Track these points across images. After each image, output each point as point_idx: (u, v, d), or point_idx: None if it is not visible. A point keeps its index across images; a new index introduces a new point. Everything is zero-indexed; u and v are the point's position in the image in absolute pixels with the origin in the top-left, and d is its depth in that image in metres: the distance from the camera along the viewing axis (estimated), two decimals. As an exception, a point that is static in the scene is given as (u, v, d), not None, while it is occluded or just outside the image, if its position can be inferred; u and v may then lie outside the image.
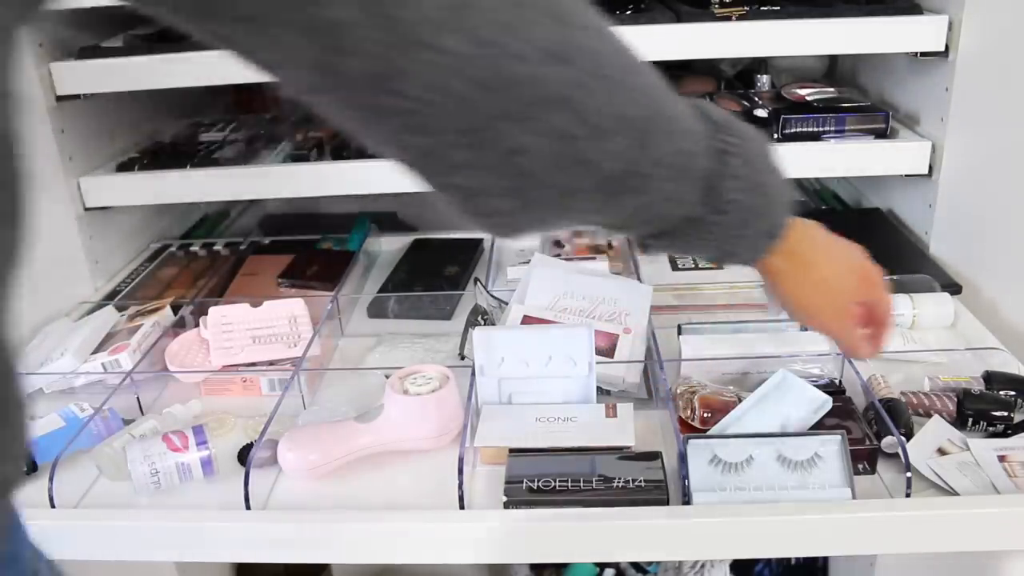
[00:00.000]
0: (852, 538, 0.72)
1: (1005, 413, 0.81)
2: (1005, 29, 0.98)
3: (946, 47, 1.04)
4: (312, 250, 1.30)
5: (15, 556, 0.47)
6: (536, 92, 0.44)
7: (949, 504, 0.72)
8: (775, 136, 1.13)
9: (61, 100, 1.13)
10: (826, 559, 1.44)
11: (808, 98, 1.19)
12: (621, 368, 0.91)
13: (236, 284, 1.22)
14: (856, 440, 0.77)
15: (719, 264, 0.64)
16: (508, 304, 1.00)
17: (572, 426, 0.81)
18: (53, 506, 0.78)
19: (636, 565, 1.42)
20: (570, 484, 0.74)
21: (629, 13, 1.08)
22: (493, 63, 0.43)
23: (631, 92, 0.48)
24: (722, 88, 1.40)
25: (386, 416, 0.81)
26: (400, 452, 0.82)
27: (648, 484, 0.74)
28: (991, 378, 0.86)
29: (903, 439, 0.75)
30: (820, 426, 0.79)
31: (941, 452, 0.78)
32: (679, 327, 0.96)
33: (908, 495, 0.73)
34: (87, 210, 1.19)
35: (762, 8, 1.06)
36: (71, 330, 1.03)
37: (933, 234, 1.14)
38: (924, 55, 1.07)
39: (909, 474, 0.73)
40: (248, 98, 1.60)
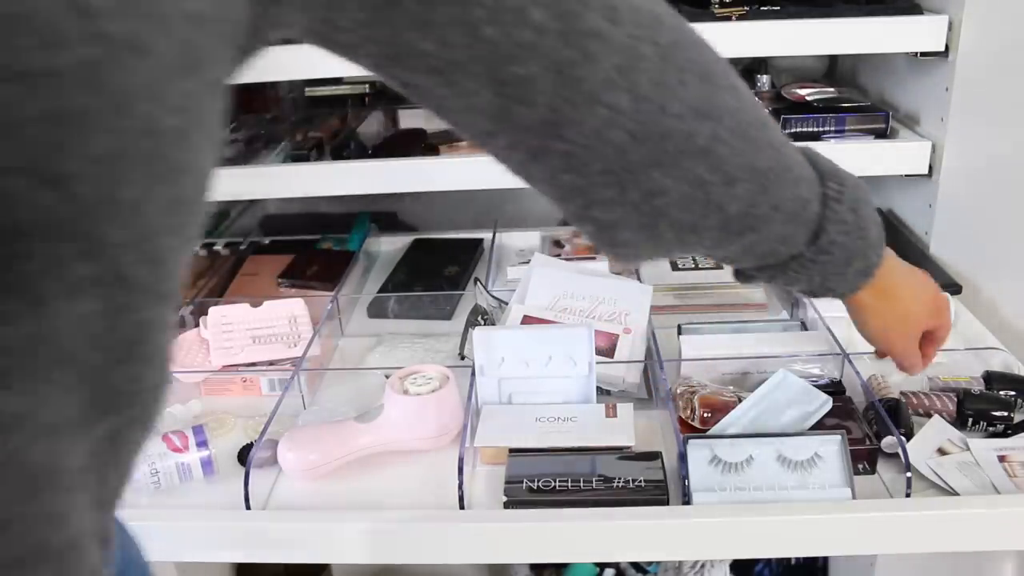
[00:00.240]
0: (852, 538, 0.72)
1: (1005, 413, 0.81)
2: (1005, 29, 0.98)
3: (946, 47, 1.04)
4: (312, 250, 1.30)
5: (130, 560, 0.52)
6: (682, 144, 0.50)
7: (949, 504, 0.72)
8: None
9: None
10: (826, 559, 1.44)
11: (808, 98, 1.19)
12: (621, 368, 0.91)
13: (236, 284, 1.22)
14: (856, 440, 0.77)
15: (813, 296, 0.70)
16: (508, 304, 1.00)
17: (572, 426, 0.81)
18: (53, 506, 0.78)
19: (636, 565, 1.42)
20: (570, 484, 0.74)
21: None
22: (650, 118, 0.48)
23: (759, 145, 0.54)
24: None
25: (386, 416, 0.81)
26: (400, 452, 0.82)
27: (648, 484, 0.74)
28: (991, 378, 0.86)
29: (903, 439, 0.75)
30: (820, 426, 0.79)
31: (941, 452, 0.78)
32: (679, 327, 0.96)
33: (908, 495, 0.73)
34: (87, 210, 1.19)
35: (762, 8, 1.06)
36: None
37: (933, 234, 1.14)
38: (924, 55, 1.07)
39: (909, 474, 0.73)
40: (248, 98, 1.59)
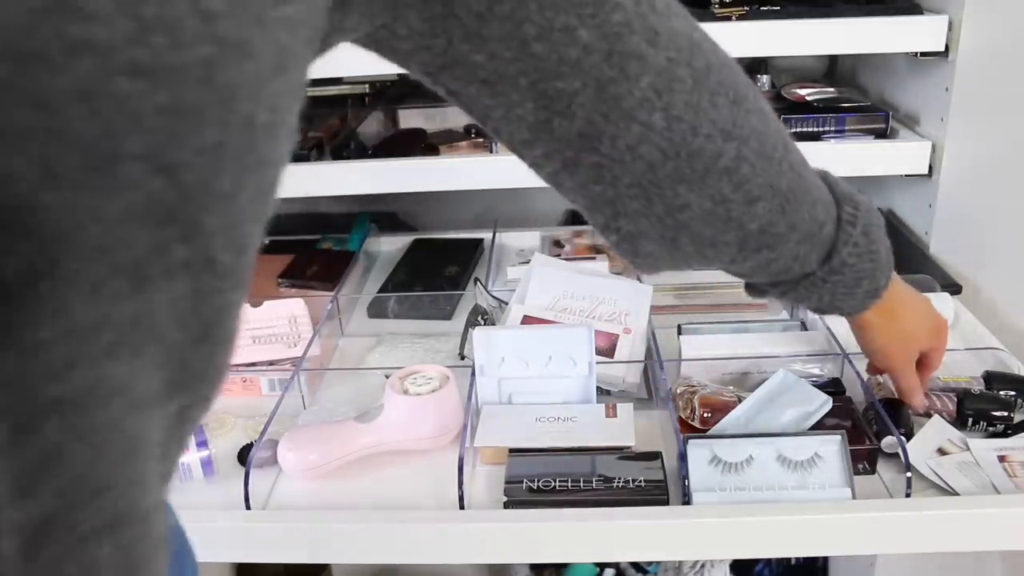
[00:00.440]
0: (852, 538, 0.72)
1: (1005, 413, 0.81)
2: (1005, 29, 0.98)
3: (946, 47, 1.04)
4: (312, 250, 1.30)
5: (183, 549, 0.53)
6: (709, 163, 0.52)
7: (949, 504, 0.72)
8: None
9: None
10: (826, 559, 1.45)
11: (808, 98, 1.19)
12: (621, 368, 0.91)
13: (236, 284, 1.22)
14: (856, 440, 0.77)
15: (821, 313, 0.72)
16: (508, 304, 1.00)
17: (572, 426, 0.81)
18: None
19: (636, 565, 1.42)
20: (570, 484, 0.74)
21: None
22: (681, 136, 0.50)
23: (781, 167, 0.56)
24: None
25: (386, 416, 0.81)
26: (400, 452, 0.82)
27: (648, 484, 0.74)
28: (991, 378, 0.86)
29: (903, 439, 0.75)
30: (820, 426, 0.79)
31: (941, 452, 0.78)
32: (679, 327, 0.96)
33: (908, 495, 0.73)
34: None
35: (762, 8, 1.06)
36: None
37: (933, 234, 1.14)
38: (924, 55, 1.07)
39: (909, 474, 0.73)
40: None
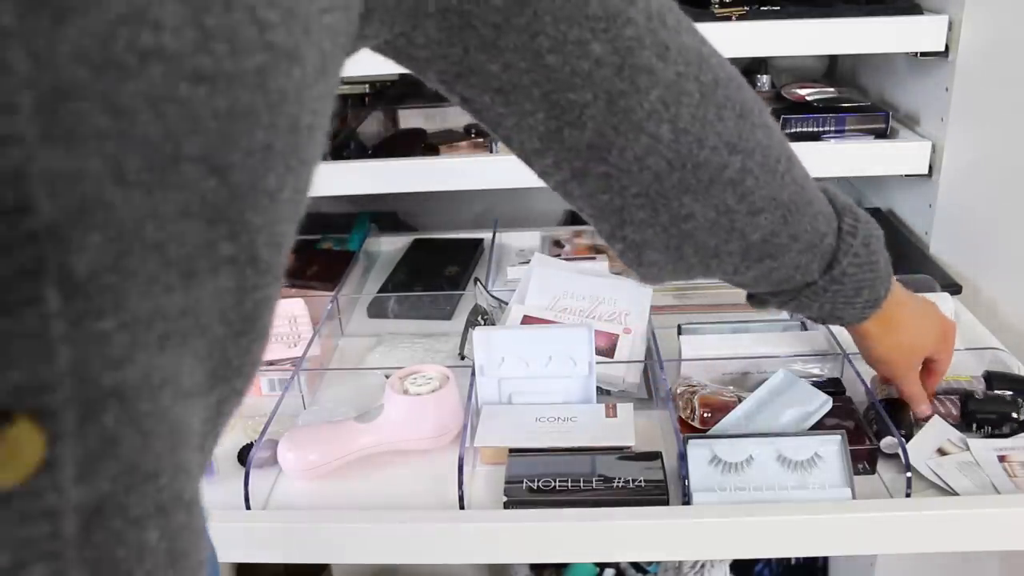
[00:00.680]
0: (852, 538, 0.72)
1: (1011, 415, 0.81)
2: (1005, 29, 0.98)
3: (946, 47, 1.04)
4: (312, 250, 1.30)
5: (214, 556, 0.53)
6: (714, 174, 0.53)
7: (949, 504, 0.72)
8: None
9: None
10: (826, 559, 1.44)
11: (808, 98, 1.19)
12: (621, 368, 0.91)
13: (236, 284, 1.22)
14: (856, 440, 0.77)
15: (822, 323, 0.73)
16: (508, 304, 1.00)
17: (572, 426, 0.81)
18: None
19: (636, 565, 1.42)
20: (570, 484, 0.74)
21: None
22: (687, 148, 0.51)
23: (784, 179, 0.57)
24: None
25: (386, 416, 0.81)
26: (400, 452, 0.82)
27: (648, 484, 0.74)
28: (991, 378, 0.86)
29: (903, 439, 0.75)
30: (820, 426, 0.79)
31: (941, 452, 0.78)
32: (679, 327, 0.96)
33: (908, 495, 0.73)
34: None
35: (762, 8, 1.06)
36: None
37: (933, 234, 1.14)
38: (924, 55, 1.07)
39: (909, 474, 0.73)
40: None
